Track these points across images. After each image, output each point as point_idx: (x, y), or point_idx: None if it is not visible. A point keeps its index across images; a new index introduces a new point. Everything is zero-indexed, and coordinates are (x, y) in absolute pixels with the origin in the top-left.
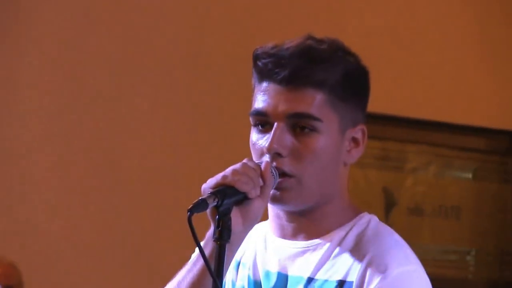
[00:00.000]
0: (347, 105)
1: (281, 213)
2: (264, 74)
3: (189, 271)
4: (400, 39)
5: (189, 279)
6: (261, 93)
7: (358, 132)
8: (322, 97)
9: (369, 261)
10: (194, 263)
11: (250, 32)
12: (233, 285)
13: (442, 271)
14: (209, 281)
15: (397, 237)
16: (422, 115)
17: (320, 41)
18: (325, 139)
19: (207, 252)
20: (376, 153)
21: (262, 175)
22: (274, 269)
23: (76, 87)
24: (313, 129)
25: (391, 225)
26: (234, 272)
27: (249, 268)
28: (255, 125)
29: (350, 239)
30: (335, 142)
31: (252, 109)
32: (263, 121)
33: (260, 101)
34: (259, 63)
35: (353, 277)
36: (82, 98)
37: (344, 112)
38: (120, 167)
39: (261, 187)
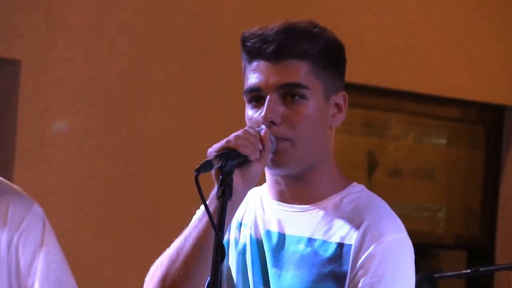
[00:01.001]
0: (329, 74)
1: (280, 179)
2: (253, 53)
3: (195, 227)
4: (386, 17)
5: (195, 234)
6: (252, 72)
7: (340, 98)
8: (307, 67)
9: (366, 228)
10: (199, 220)
11: (262, 9)
12: (236, 243)
13: (417, 226)
14: (213, 236)
15: (388, 207)
16: (403, 86)
17: (300, 21)
18: (313, 105)
19: (211, 209)
20: (362, 120)
21: (261, 141)
22: (274, 229)
23: (98, 57)
24: (302, 97)
25: (373, 185)
26: (237, 231)
27: (250, 228)
28: (249, 101)
29: (346, 206)
30: (322, 107)
31: (245, 87)
32: (257, 96)
33: (252, 78)
34: (248, 44)
35: (351, 241)
36: (104, 69)
37: (326, 80)
38: (138, 131)
39: (261, 151)
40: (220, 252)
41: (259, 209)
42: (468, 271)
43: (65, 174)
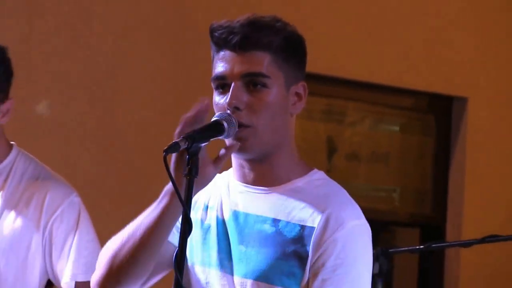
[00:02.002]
0: (289, 65)
1: (244, 162)
2: (220, 43)
3: (154, 208)
4: (346, 9)
5: (154, 214)
6: (219, 61)
7: (300, 87)
8: (269, 58)
9: (329, 214)
10: (158, 203)
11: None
12: (202, 223)
13: (374, 205)
14: (170, 217)
15: (347, 195)
16: (361, 77)
17: (264, 16)
18: (274, 93)
19: (165, 202)
20: (322, 108)
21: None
22: (240, 209)
23: (78, 48)
24: (264, 85)
25: (333, 168)
26: (203, 213)
27: (216, 210)
28: (216, 88)
29: (309, 191)
30: (282, 96)
31: (213, 75)
32: (222, 83)
33: (219, 67)
34: (215, 34)
35: (314, 224)
36: (85, 59)
37: (287, 71)
38: (117, 118)
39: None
40: (187, 225)
41: (225, 192)
42: (421, 246)
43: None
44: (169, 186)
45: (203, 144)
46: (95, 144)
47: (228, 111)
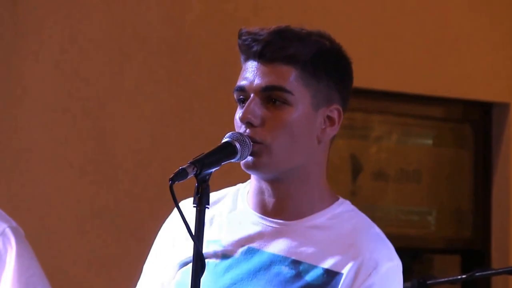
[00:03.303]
0: (319, 83)
1: (265, 185)
2: (242, 50)
3: None
4: (367, 16)
5: None
6: (243, 71)
7: (333, 111)
8: (295, 72)
9: (361, 257)
10: None
11: (232, 13)
12: (209, 262)
13: (406, 231)
14: None
15: (379, 230)
16: (385, 86)
17: (303, 28)
18: (296, 112)
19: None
20: (343, 123)
21: None
22: (255, 246)
23: (69, 70)
24: (284, 102)
25: (358, 190)
26: (210, 247)
27: (224, 246)
28: (238, 101)
29: (334, 227)
30: (307, 117)
31: (235, 86)
32: (243, 96)
33: (241, 78)
34: (239, 41)
35: (342, 269)
36: (74, 83)
37: (316, 89)
38: (110, 148)
39: None
40: (200, 262)
41: (236, 222)
42: (464, 276)
43: (33, 189)
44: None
45: (213, 170)
46: (85, 173)
47: (242, 128)
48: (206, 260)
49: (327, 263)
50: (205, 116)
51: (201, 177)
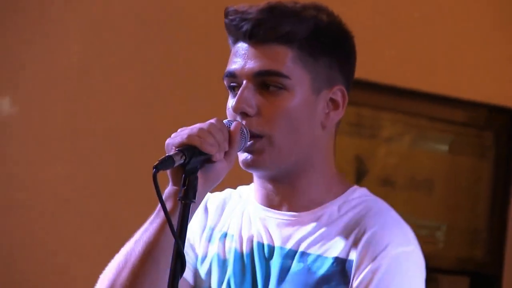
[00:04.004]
0: (319, 63)
1: (266, 183)
2: (230, 31)
3: (145, 230)
4: (380, 7)
5: (145, 238)
6: (233, 55)
7: (336, 93)
8: (291, 53)
9: (368, 239)
10: (150, 222)
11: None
12: (218, 258)
13: None
14: (166, 240)
15: (395, 213)
16: (399, 82)
17: (296, 1)
18: (295, 98)
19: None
20: (350, 119)
21: (229, 137)
22: (264, 241)
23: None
24: (282, 87)
25: None
26: (220, 244)
27: (235, 241)
28: (229, 88)
29: (345, 215)
30: (308, 102)
31: (225, 71)
32: (234, 82)
33: (231, 63)
34: (226, 20)
35: (352, 255)
36: (56, 62)
37: (316, 71)
38: (85, 127)
39: (227, 150)
40: (180, 262)
41: (246, 217)
42: None
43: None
44: (167, 194)
45: (202, 159)
46: (62, 162)
47: (238, 118)
48: (220, 256)
49: (336, 251)
50: (190, 92)
51: (190, 167)
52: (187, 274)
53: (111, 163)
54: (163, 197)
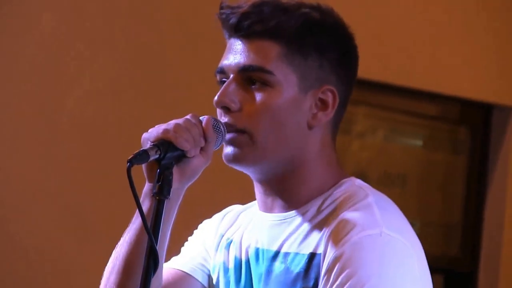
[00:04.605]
0: (308, 61)
1: (259, 186)
2: (222, 25)
3: (128, 231)
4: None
5: (128, 239)
6: (225, 50)
7: (326, 93)
8: (277, 49)
9: (334, 228)
10: (132, 222)
11: None
12: (224, 267)
13: None
14: (145, 239)
15: (372, 199)
16: (372, 76)
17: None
18: (279, 95)
19: (144, 209)
20: None
21: (204, 132)
22: (259, 245)
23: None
24: (265, 83)
25: None
26: (226, 252)
27: (236, 248)
28: (220, 84)
29: (325, 209)
30: (293, 101)
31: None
32: (223, 77)
33: (223, 58)
34: (217, 14)
35: (321, 249)
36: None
37: (304, 69)
38: (56, 118)
39: (203, 146)
40: (152, 259)
41: (250, 223)
42: None
43: None
44: (144, 192)
45: (177, 154)
46: (32, 156)
47: (218, 112)
48: (226, 264)
49: (310, 247)
50: (167, 85)
51: (165, 162)
52: (203, 279)
53: (86, 155)
54: (141, 198)
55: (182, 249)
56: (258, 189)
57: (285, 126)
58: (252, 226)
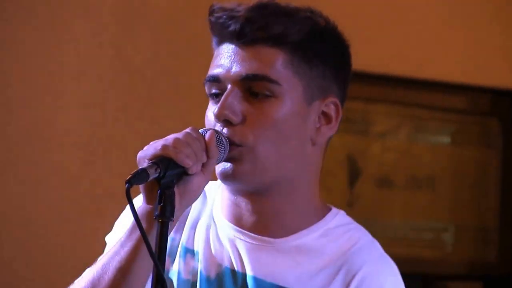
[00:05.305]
0: (312, 70)
1: (239, 200)
2: (215, 31)
3: (115, 253)
4: None
5: (116, 263)
6: (217, 57)
7: (329, 105)
8: (282, 57)
9: (360, 281)
10: (121, 245)
11: None
12: (179, 277)
13: (415, 251)
14: (141, 266)
15: (380, 247)
16: (391, 70)
17: (289, 3)
18: (285, 107)
19: (137, 234)
20: None
21: (206, 147)
22: (233, 267)
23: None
24: (270, 94)
25: (356, 199)
26: (181, 260)
27: (201, 261)
28: (210, 96)
29: (327, 247)
30: (298, 113)
31: (206, 75)
32: (217, 88)
33: (214, 66)
34: (212, 18)
35: None
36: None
37: (309, 78)
38: (47, 135)
39: (205, 162)
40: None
41: (213, 233)
42: None
43: None
44: (140, 214)
45: (179, 172)
46: (20, 170)
47: (218, 126)
48: (182, 274)
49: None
50: (163, 96)
51: (166, 181)
52: None
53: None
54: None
55: (116, 225)
56: (236, 202)
57: (289, 140)
58: (222, 239)
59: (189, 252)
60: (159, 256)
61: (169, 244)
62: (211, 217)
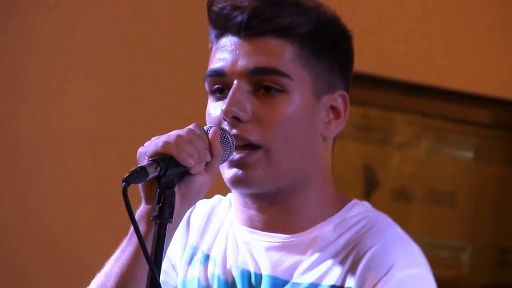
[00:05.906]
0: (323, 63)
1: (249, 202)
2: (219, 23)
3: (116, 259)
4: None
5: (117, 269)
6: (218, 51)
7: (337, 99)
8: (290, 49)
9: (368, 261)
10: (122, 250)
11: None
12: (198, 283)
13: (433, 270)
14: (142, 270)
15: (399, 230)
16: (415, 77)
17: None
18: (296, 102)
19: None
20: (357, 121)
21: (209, 145)
22: (249, 268)
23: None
24: (282, 89)
25: None
26: (201, 267)
27: (218, 266)
28: (212, 92)
29: (342, 236)
30: (309, 108)
31: (207, 70)
32: (221, 83)
33: (216, 60)
34: (214, 9)
35: (351, 282)
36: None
37: (318, 71)
38: (48, 130)
39: (208, 161)
40: None
41: (232, 238)
42: None
43: None
44: (139, 214)
45: (180, 171)
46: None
47: (225, 124)
48: (201, 281)
49: (332, 279)
50: (163, 93)
51: (166, 180)
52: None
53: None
54: (136, 218)
55: None
56: (248, 205)
57: (301, 138)
58: (234, 243)
59: (209, 259)
60: (155, 259)
61: (189, 252)
62: (231, 223)
